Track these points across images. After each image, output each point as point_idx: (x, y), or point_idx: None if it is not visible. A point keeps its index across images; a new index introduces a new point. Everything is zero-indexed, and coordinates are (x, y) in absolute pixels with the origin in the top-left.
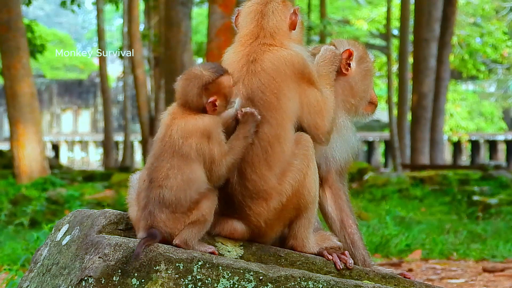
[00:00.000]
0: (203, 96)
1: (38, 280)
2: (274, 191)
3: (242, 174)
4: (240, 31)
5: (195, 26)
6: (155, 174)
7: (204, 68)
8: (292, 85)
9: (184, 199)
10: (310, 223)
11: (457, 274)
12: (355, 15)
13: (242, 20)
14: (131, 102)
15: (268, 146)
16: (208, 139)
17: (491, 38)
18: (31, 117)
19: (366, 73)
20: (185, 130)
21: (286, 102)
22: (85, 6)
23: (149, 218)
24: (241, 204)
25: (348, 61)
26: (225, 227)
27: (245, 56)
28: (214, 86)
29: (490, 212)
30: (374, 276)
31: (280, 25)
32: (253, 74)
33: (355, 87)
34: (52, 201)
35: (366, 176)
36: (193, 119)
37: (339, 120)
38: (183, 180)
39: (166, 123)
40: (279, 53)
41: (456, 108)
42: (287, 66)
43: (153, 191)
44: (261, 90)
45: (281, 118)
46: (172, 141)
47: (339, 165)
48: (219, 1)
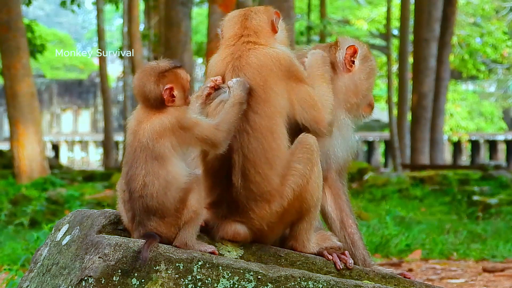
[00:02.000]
0: (160, 83)
1: (38, 280)
2: (277, 193)
3: (246, 176)
4: (224, 36)
5: (195, 26)
6: (133, 185)
7: (160, 61)
8: (279, 82)
9: (168, 202)
10: (311, 225)
11: (457, 274)
12: (355, 15)
13: (226, 26)
14: (131, 102)
15: (262, 138)
16: (184, 130)
17: (491, 38)
18: (31, 117)
19: (370, 72)
20: (153, 131)
21: (273, 96)
22: (85, 6)
23: (141, 228)
24: (245, 208)
25: (352, 58)
26: (229, 231)
27: (229, 54)
28: (170, 74)
29: (490, 212)
30: (374, 276)
31: (263, 24)
32: (238, 69)
33: (359, 85)
34: (52, 201)
35: (366, 176)
36: (158, 119)
37: (340, 118)
38: (160, 185)
39: (133, 129)
40: (265, 50)
41: (456, 108)
42: (273, 62)
43: (136, 202)
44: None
45: (270, 111)
46: (142, 146)
47: (339, 164)
48: (219, 1)
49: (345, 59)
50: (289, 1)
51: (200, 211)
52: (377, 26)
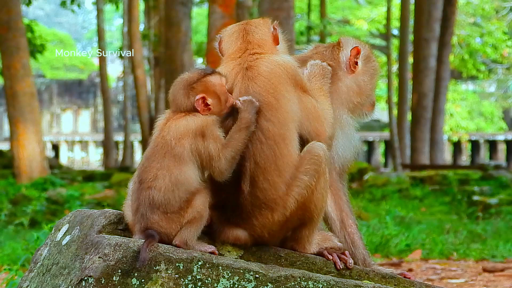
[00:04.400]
0: (190, 95)
1: (38, 280)
2: (281, 202)
3: (255, 183)
4: (226, 51)
5: (195, 26)
6: (145, 175)
7: (191, 71)
8: (289, 88)
9: (173, 200)
10: (314, 231)
11: (457, 274)
12: (355, 15)
13: (226, 41)
14: (131, 102)
15: (275, 146)
16: (203, 138)
17: (491, 38)
18: (31, 117)
19: (373, 73)
20: (177, 131)
21: (285, 103)
22: (85, 6)
23: (143, 221)
24: (249, 214)
25: (355, 59)
26: (230, 236)
27: (237, 65)
28: (200, 85)
29: (490, 212)
30: (374, 276)
31: (265, 37)
32: (249, 79)
33: (362, 86)
34: (52, 201)
35: (366, 176)
36: (185, 120)
37: (342, 118)
38: (171, 181)
39: (160, 126)
40: (272, 58)
41: (456, 108)
42: (281, 69)
43: (143, 192)
44: (259, 92)
45: (283, 118)
46: (165, 142)
47: (340, 164)
48: (219, 1)
49: (349, 60)
50: (289, 1)
51: (204, 214)
52: (377, 26)
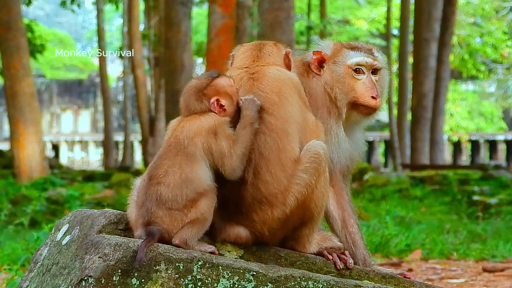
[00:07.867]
0: (203, 101)
1: (38, 280)
2: (281, 198)
3: (258, 174)
4: (236, 63)
5: (195, 26)
6: (155, 172)
7: (198, 77)
8: (293, 94)
9: (180, 197)
10: (314, 230)
11: (457, 274)
12: (355, 15)
13: (238, 57)
14: (131, 102)
15: (278, 139)
16: (215, 136)
17: (491, 38)
18: (31, 117)
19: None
20: (190, 130)
21: (288, 104)
22: (85, 6)
23: (146, 215)
24: (249, 208)
25: (319, 64)
26: (231, 234)
27: (243, 72)
28: (210, 89)
29: (490, 212)
30: (374, 276)
31: (278, 61)
32: (254, 80)
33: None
34: (52, 201)
35: (366, 176)
36: (198, 120)
37: (347, 119)
38: (180, 178)
39: (173, 127)
40: (279, 68)
41: (456, 108)
42: (287, 77)
43: (151, 188)
44: (263, 90)
45: (285, 115)
46: (177, 141)
47: (344, 165)
48: (219, 1)
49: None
50: (289, 1)
51: (208, 217)
52: (377, 26)
